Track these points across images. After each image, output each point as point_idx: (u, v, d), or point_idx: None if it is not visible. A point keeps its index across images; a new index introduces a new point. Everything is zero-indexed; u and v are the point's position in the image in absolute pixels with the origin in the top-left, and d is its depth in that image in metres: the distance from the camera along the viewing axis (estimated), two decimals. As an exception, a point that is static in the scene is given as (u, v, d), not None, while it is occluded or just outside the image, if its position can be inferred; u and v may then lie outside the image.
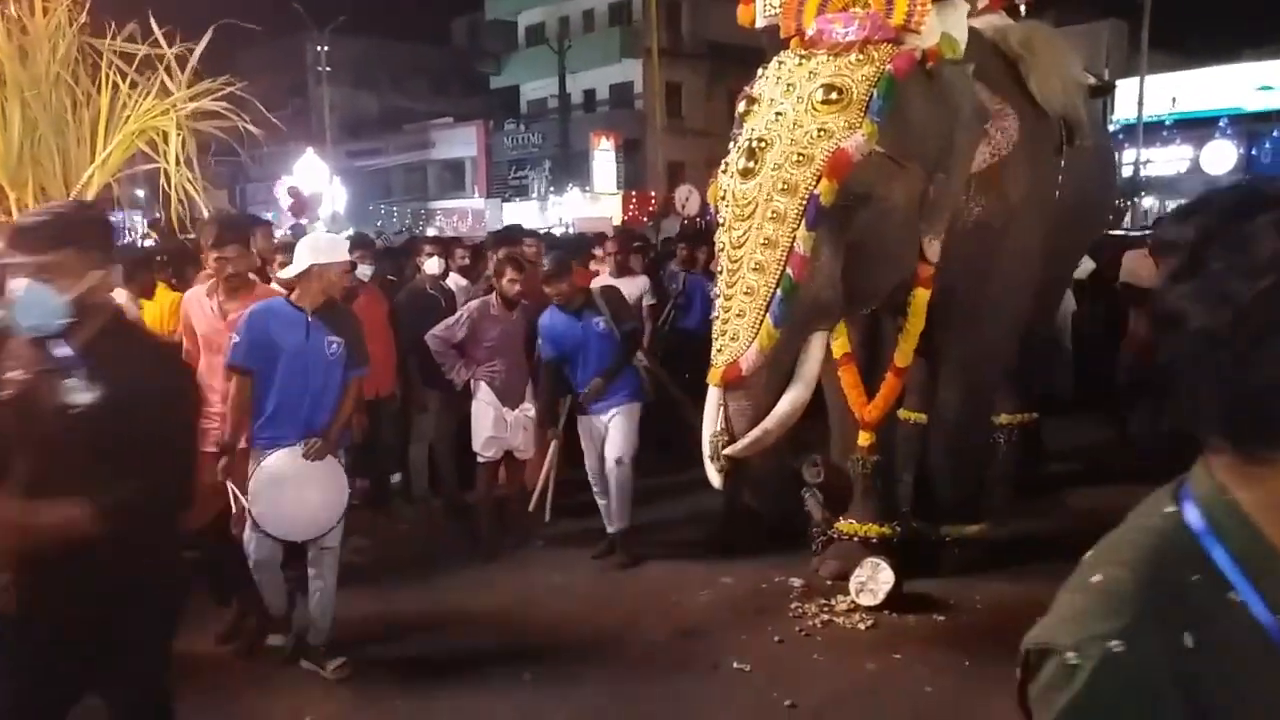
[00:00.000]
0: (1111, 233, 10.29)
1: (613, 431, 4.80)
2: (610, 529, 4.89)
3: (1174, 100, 22.37)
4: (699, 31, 29.49)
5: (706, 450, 3.46)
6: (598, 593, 4.51)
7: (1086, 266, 6.97)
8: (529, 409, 4.99)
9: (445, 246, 6.58)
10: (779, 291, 3.27)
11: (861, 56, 3.42)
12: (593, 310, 4.83)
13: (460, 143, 32.95)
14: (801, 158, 3.30)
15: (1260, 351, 0.77)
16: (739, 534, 4.93)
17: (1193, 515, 0.84)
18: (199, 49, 4.84)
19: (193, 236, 5.50)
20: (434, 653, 3.96)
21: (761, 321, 3.29)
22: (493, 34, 35.42)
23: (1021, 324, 4.69)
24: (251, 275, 4.18)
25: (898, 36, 3.48)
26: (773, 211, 3.31)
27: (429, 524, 5.62)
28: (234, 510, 3.70)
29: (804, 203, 3.27)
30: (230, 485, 3.52)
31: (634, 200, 25.01)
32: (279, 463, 3.53)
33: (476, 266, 6.37)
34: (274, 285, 4.39)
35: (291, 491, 3.53)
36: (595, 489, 4.97)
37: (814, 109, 3.36)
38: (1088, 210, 5.19)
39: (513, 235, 6.58)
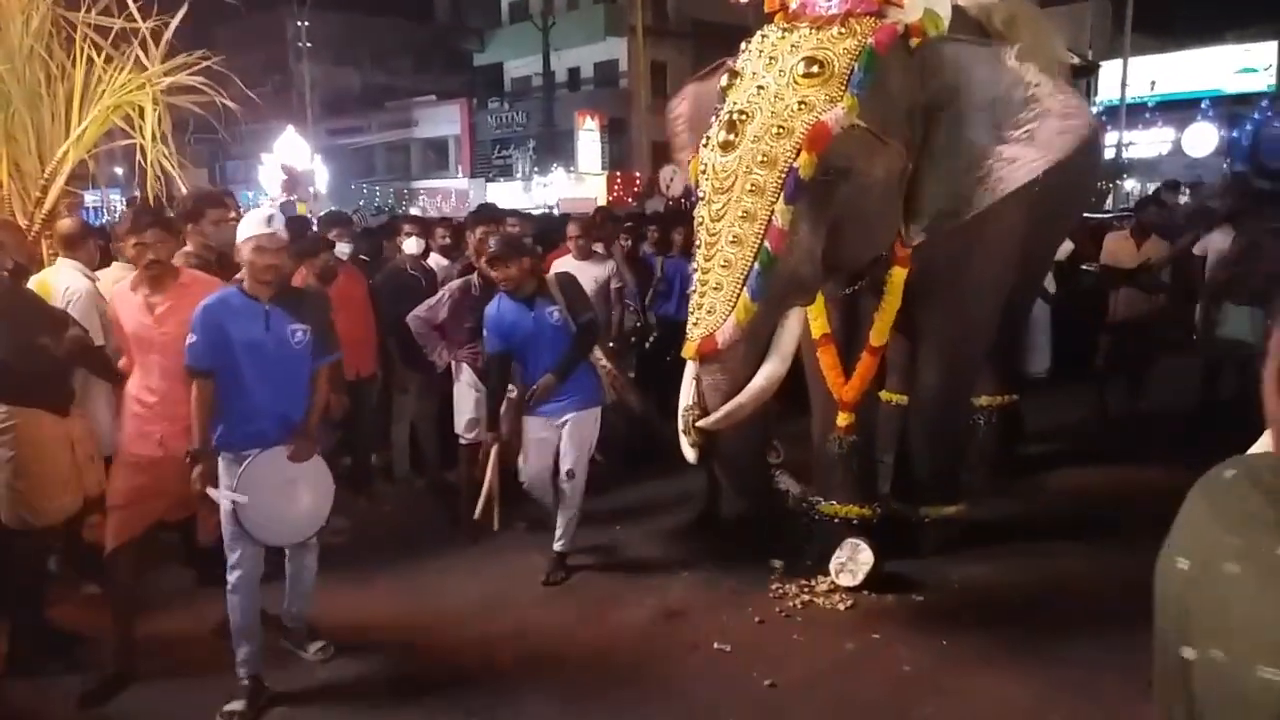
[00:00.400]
0: (1090, 215, 10.34)
1: (566, 439, 4.41)
2: (555, 545, 4.50)
3: (1153, 84, 22.41)
4: (684, 9, 29.32)
5: (680, 424, 3.46)
6: (578, 574, 4.52)
7: (1065, 248, 7.00)
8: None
9: (425, 226, 6.53)
10: (756, 265, 3.26)
11: (844, 29, 3.39)
12: (546, 299, 4.41)
13: (443, 121, 32.69)
14: (781, 130, 3.28)
15: None
16: (721, 514, 4.96)
17: None
18: (174, 23, 4.76)
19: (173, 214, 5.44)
20: (413, 634, 3.95)
21: (739, 295, 3.28)
22: (475, 10, 35.08)
23: (1002, 304, 4.71)
24: (174, 262, 3.77)
25: (880, 10, 3.46)
26: (752, 184, 3.30)
27: (411, 505, 5.61)
28: (204, 519, 3.59)
29: (783, 176, 3.26)
30: (211, 492, 3.32)
31: (619, 180, 24.93)
32: (265, 465, 3.35)
33: (458, 246, 6.33)
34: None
35: (283, 494, 3.38)
36: (534, 495, 4.58)
37: (795, 82, 3.33)
38: (1070, 191, 5.20)
39: (493, 214, 6.53)
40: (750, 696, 3.38)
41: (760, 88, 3.40)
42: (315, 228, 6.72)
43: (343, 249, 5.40)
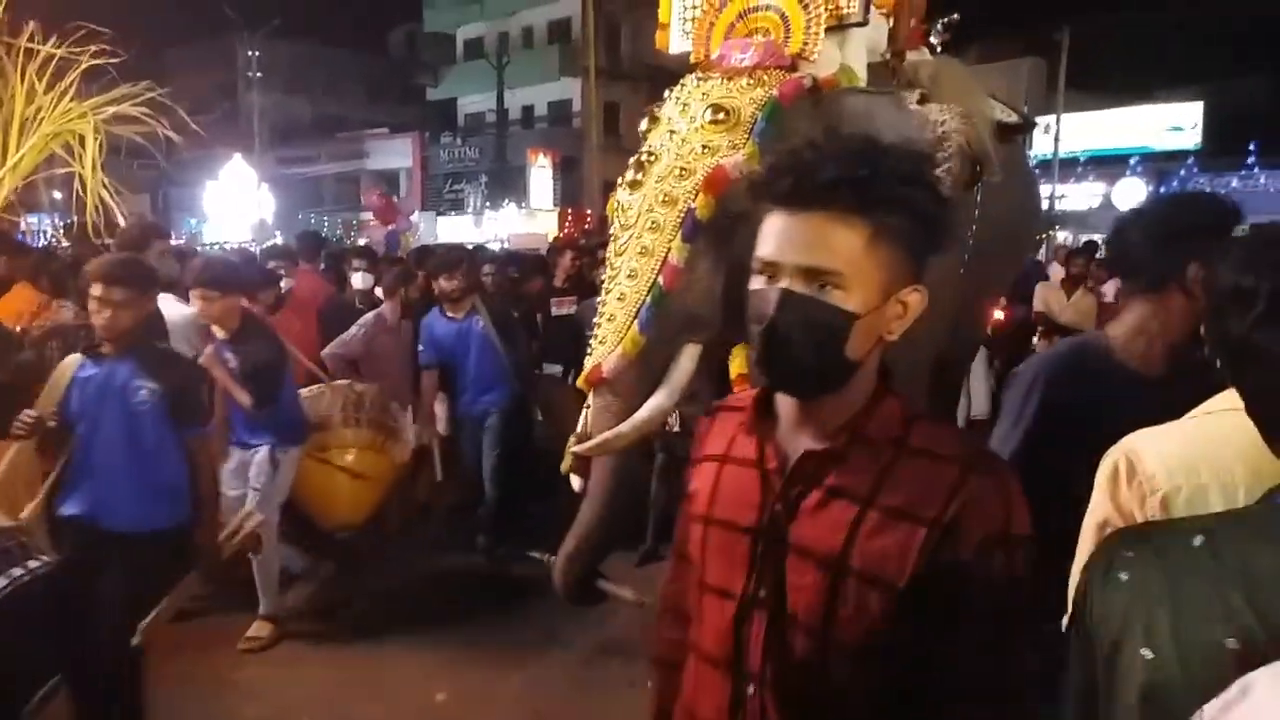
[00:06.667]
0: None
1: None
2: None
3: (1057, 140, 22.67)
4: (638, 53, 29.80)
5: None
6: (513, 606, 4.51)
7: (996, 297, 7.25)
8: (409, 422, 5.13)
9: (375, 261, 6.54)
10: (648, 299, 3.35)
11: (752, 80, 3.53)
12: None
13: (395, 154, 32.61)
14: (683, 172, 3.39)
15: None
16: (666, 549, 4.99)
17: None
18: (117, 59, 4.75)
19: (109, 242, 5.39)
20: (341, 676, 3.92)
21: (629, 327, 3.36)
22: (431, 46, 35.24)
23: (935, 351, 4.83)
24: None
25: (793, 64, 3.60)
26: (652, 221, 3.40)
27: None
28: None
29: (682, 215, 3.36)
30: None
31: (570, 217, 25.08)
32: None
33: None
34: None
35: None
36: None
37: (702, 128, 3.46)
38: (1006, 244, 5.36)
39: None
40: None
41: (672, 132, 3.52)
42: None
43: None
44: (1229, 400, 1.06)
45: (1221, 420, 1.30)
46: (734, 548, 1.27)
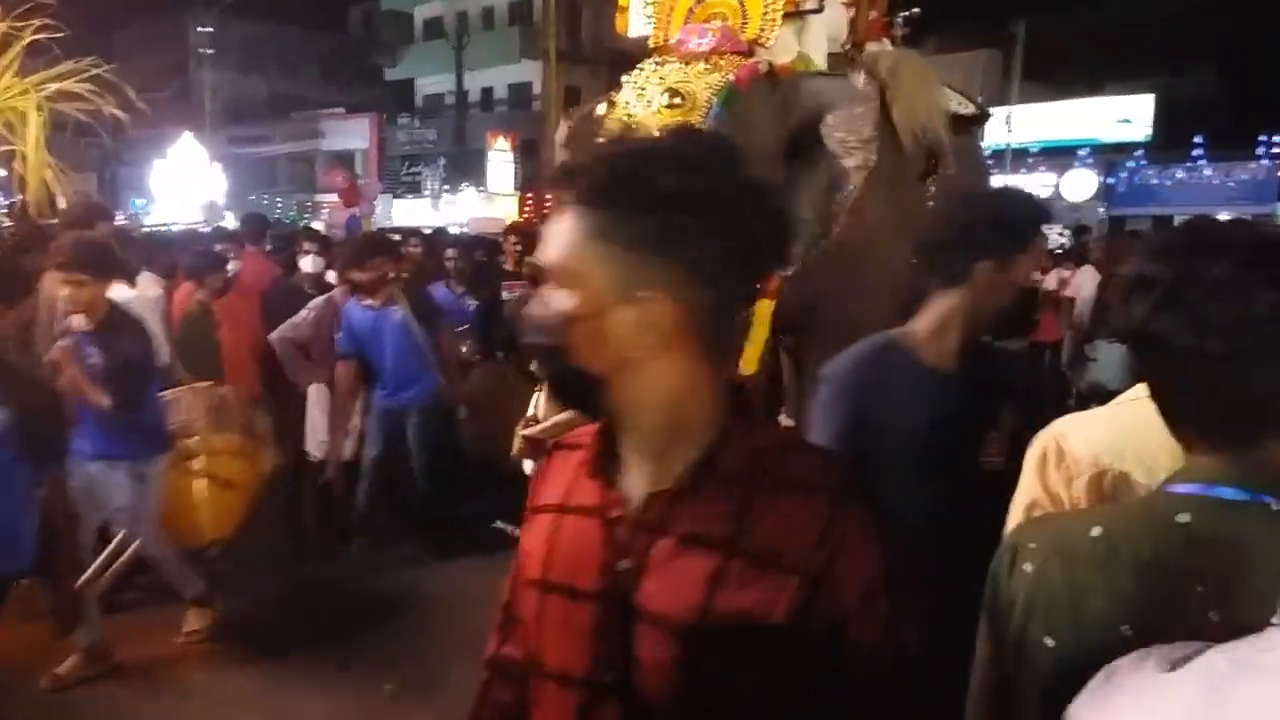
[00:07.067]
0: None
1: None
2: None
3: (1010, 128, 23.12)
4: (599, 37, 29.64)
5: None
6: (459, 596, 4.48)
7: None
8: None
9: (326, 245, 6.45)
10: None
11: (708, 65, 3.55)
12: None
13: (351, 134, 32.11)
14: None
15: (1235, 366, 0.92)
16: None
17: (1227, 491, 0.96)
18: (61, 34, 4.63)
19: (54, 222, 5.27)
20: (283, 670, 3.84)
21: None
22: (389, 25, 34.74)
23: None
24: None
25: (749, 50, 3.62)
26: None
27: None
28: None
29: None
30: None
31: (530, 202, 24.93)
32: None
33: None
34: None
35: None
36: None
37: (659, 112, 3.47)
38: None
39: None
40: None
41: (629, 116, 3.53)
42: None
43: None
44: None
45: (1146, 406, 1.36)
46: (572, 619, 1.04)
